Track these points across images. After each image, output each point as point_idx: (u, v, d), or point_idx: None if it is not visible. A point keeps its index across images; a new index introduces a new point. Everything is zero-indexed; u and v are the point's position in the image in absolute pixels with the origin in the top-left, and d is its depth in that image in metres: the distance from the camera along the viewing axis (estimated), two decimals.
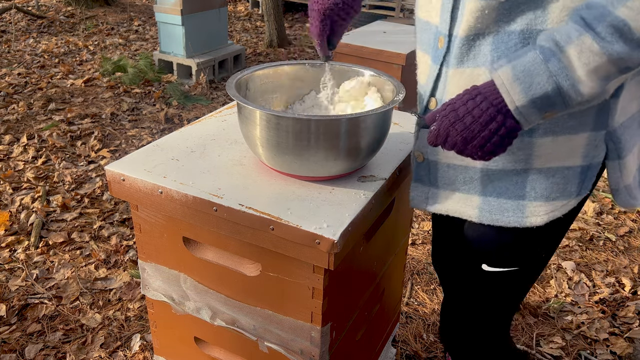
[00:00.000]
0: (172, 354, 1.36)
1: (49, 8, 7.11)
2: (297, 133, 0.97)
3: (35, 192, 2.79)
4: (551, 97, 0.78)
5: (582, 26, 0.75)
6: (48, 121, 3.67)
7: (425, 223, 2.63)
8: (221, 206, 0.99)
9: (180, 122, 3.76)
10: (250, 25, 6.97)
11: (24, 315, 1.99)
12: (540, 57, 0.77)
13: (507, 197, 0.94)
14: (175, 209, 1.05)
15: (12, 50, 5.24)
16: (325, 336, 1.06)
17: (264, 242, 0.98)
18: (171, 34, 4.48)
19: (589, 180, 0.92)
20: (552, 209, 0.93)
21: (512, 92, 0.79)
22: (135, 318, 2.00)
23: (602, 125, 0.88)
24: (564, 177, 0.92)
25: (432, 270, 2.30)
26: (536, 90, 0.78)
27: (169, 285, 1.23)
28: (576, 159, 0.91)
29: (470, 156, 0.85)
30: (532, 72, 0.78)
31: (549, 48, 0.77)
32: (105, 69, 4.59)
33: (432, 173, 1.03)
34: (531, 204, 0.93)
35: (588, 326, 1.98)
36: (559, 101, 0.78)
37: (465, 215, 1.00)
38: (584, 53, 0.74)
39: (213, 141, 1.24)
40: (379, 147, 1.09)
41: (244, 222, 0.98)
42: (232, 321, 1.16)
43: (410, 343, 1.90)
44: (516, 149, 0.90)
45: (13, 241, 2.41)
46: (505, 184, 0.94)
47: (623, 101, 0.88)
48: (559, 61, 0.76)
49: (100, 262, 2.29)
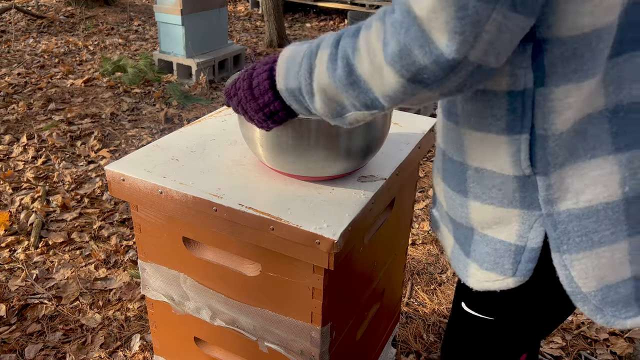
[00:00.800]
0: (172, 354, 1.36)
1: (49, 8, 7.11)
2: (297, 133, 0.97)
3: (35, 192, 2.79)
4: (296, 94, 0.77)
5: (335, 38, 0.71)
6: (48, 121, 3.67)
7: (425, 223, 2.63)
8: (221, 206, 0.99)
9: (180, 122, 3.76)
10: (250, 25, 6.97)
11: (23, 315, 1.99)
12: (305, 50, 0.76)
13: (461, 249, 0.87)
14: (175, 209, 1.05)
15: (12, 50, 5.24)
16: (325, 336, 1.06)
17: (263, 242, 0.98)
18: (171, 34, 4.48)
19: (526, 262, 0.76)
20: (486, 279, 0.81)
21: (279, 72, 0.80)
22: (135, 318, 2.00)
23: (532, 205, 0.74)
24: (496, 250, 0.79)
25: (432, 270, 2.30)
26: (289, 81, 0.78)
27: (169, 285, 1.23)
28: (508, 234, 0.77)
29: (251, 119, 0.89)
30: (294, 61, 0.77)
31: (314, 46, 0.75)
32: (105, 69, 4.59)
33: (436, 198, 0.98)
34: (472, 265, 0.83)
35: (588, 326, 1.98)
36: (304, 101, 0.77)
37: (446, 253, 0.95)
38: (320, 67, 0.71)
39: (213, 141, 1.24)
40: (378, 147, 1.09)
41: (244, 222, 0.98)
42: (232, 321, 1.16)
43: (410, 343, 1.90)
44: (458, 205, 0.83)
45: (13, 241, 2.41)
46: (462, 236, 0.86)
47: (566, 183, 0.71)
48: (309, 62, 0.74)
49: (100, 262, 2.29)
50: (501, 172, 0.73)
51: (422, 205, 2.81)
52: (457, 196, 0.82)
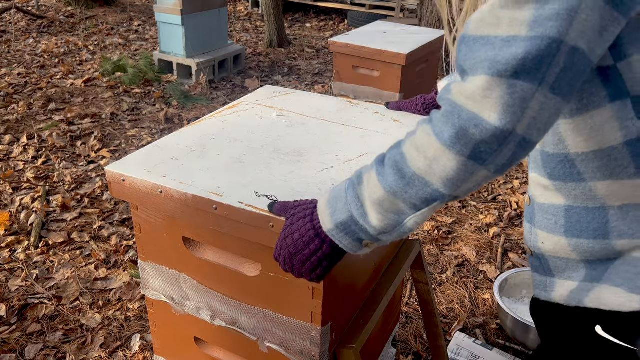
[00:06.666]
0: (172, 354, 1.36)
1: (49, 8, 7.11)
2: None
3: (35, 192, 2.79)
4: (349, 224, 0.80)
5: (378, 159, 0.78)
6: (48, 121, 3.67)
7: (424, 223, 2.63)
8: (221, 204, 0.99)
9: (180, 122, 3.76)
10: (250, 25, 6.97)
11: (24, 315, 1.99)
12: (345, 186, 0.82)
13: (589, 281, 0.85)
14: (175, 208, 1.05)
15: (12, 50, 5.25)
16: (325, 336, 1.06)
17: (264, 240, 0.98)
18: (171, 34, 4.48)
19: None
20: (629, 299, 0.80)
21: (323, 215, 0.83)
22: (135, 318, 2.00)
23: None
24: None
25: (432, 270, 2.30)
26: (338, 216, 0.81)
27: (169, 285, 1.23)
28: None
29: (299, 273, 0.88)
30: (338, 198, 0.82)
31: (354, 177, 0.81)
32: (105, 69, 4.59)
33: (544, 264, 0.95)
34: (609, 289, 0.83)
35: None
36: (357, 229, 0.80)
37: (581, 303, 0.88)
38: (370, 185, 0.77)
39: (212, 140, 1.24)
40: None
41: (244, 220, 0.98)
42: (232, 321, 1.16)
43: (410, 343, 1.90)
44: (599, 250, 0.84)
45: (13, 241, 2.41)
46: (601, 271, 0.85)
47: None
48: (354, 190, 0.79)
49: (100, 262, 2.29)
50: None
51: None
52: (596, 242, 0.83)
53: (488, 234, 2.57)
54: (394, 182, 0.74)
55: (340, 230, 0.81)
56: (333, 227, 0.82)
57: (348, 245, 0.83)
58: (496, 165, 0.69)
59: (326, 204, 0.83)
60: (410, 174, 0.73)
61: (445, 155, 0.69)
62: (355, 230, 0.80)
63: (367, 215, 0.78)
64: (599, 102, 0.76)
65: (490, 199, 2.89)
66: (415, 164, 0.72)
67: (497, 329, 2.01)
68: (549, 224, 0.88)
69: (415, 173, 0.72)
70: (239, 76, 4.84)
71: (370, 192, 0.77)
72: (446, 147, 0.68)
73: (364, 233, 0.80)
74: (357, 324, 1.19)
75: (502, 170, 0.70)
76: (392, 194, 0.75)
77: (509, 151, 0.67)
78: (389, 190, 0.75)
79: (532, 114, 0.65)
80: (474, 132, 0.66)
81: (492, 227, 2.62)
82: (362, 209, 0.78)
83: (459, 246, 2.48)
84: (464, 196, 0.74)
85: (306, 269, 0.87)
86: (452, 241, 2.52)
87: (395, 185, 0.74)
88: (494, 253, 2.44)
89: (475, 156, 0.68)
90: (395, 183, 0.74)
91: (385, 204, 0.76)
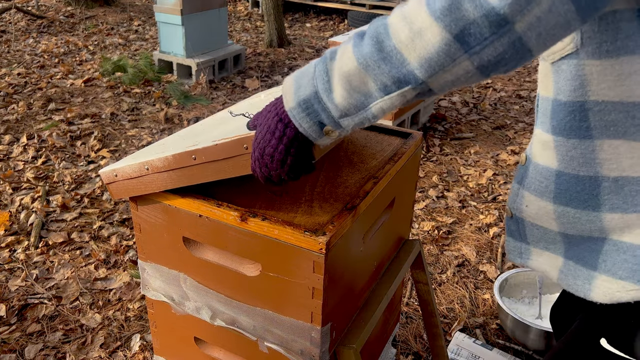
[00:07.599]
0: (172, 354, 1.36)
1: (49, 8, 7.11)
2: None
3: (35, 192, 2.79)
4: (312, 102, 0.74)
5: (358, 32, 0.71)
6: (48, 121, 3.67)
7: (425, 223, 2.63)
8: (197, 150, 0.99)
9: (180, 122, 3.76)
10: (250, 25, 6.97)
11: (23, 315, 1.99)
12: (316, 61, 0.75)
13: (581, 264, 0.85)
14: (163, 179, 1.07)
15: (12, 50, 5.24)
16: (325, 336, 1.06)
17: (245, 169, 0.95)
18: (171, 34, 4.48)
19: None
20: (619, 289, 0.79)
21: (287, 94, 0.77)
22: (135, 318, 1.99)
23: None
24: (635, 256, 0.78)
25: (432, 270, 2.30)
26: (302, 91, 0.75)
27: (169, 285, 1.23)
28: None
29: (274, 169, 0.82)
30: (305, 73, 0.75)
31: (327, 53, 0.74)
32: (105, 69, 4.59)
33: (521, 229, 0.95)
34: (600, 277, 0.82)
35: None
36: (319, 108, 0.74)
37: (549, 276, 0.92)
38: (343, 58, 0.70)
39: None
40: None
41: (223, 155, 0.97)
42: (232, 321, 1.16)
43: (410, 343, 1.90)
44: (585, 222, 0.82)
45: (13, 241, 2.41)
46: (584, 250, 0.85)
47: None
48: (324, 64, 0.73)
49: (100, 262, 2.29)
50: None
51: (422, 205, 2.81)
52: (584, 213, 0.80)
53: (488, 234, 2.57)
54: (369, 53, 0.67)
55: (303, 109, 0.75)
56: (295, 105, 0.76)
57: (308, 130, 0.77)
58: (481, 59, 0.61)
59: (292, 80, 0.77)
60: (390, 48, 0.66)
61: (431, 29, 0.62)
62: (317, 109, 0.74)
63: (332, 92, 0.72)
64: (633, 47, 0.69)
65: (491, 199, 2.89)
66: (398, 35, 0.65)
67: (497, 329, 2.01)
68: (540, 187, 0.85)
69: (395, 47, 0.65)
70: (239, 76, 4.84)
71: (342, 64, 0.70)
72: (434, 19, 0.61)
73: (325, 114, 0.74)
74: (357, 324, 1.19)
75: (486, 69, 0.63)
76: (363, 68, 0.68)
77: (500, 46, 0.60)
78: (361, 62, 0.68)
79: (538, 13, 0.57)
80: (468, 8, 0.59)
81: (492, 227, 2.62)
82: (328, 84, 0.72)
83: (459, 246, 2.48)
84: (438, 92, 0.67)
85: (276, 162, 0.80)
86: (452, 241, 2.52)
87: (369, 57, 0.67)
88: (494, 253, 2.44)
89: (461, 38, 0.60)
90: (370, 55, 0.67)
91: (354, 80, 0.70)
